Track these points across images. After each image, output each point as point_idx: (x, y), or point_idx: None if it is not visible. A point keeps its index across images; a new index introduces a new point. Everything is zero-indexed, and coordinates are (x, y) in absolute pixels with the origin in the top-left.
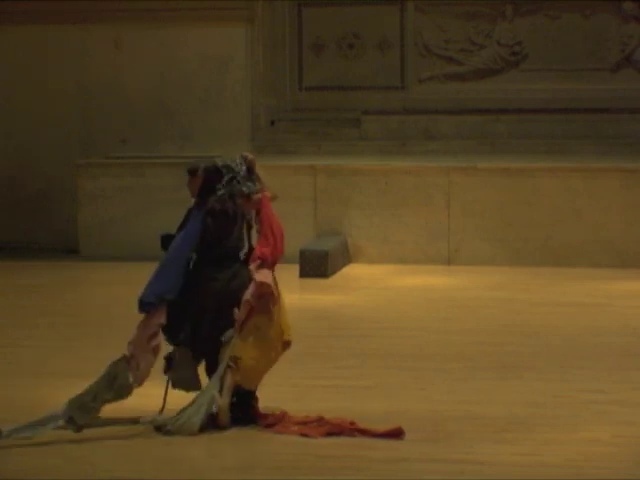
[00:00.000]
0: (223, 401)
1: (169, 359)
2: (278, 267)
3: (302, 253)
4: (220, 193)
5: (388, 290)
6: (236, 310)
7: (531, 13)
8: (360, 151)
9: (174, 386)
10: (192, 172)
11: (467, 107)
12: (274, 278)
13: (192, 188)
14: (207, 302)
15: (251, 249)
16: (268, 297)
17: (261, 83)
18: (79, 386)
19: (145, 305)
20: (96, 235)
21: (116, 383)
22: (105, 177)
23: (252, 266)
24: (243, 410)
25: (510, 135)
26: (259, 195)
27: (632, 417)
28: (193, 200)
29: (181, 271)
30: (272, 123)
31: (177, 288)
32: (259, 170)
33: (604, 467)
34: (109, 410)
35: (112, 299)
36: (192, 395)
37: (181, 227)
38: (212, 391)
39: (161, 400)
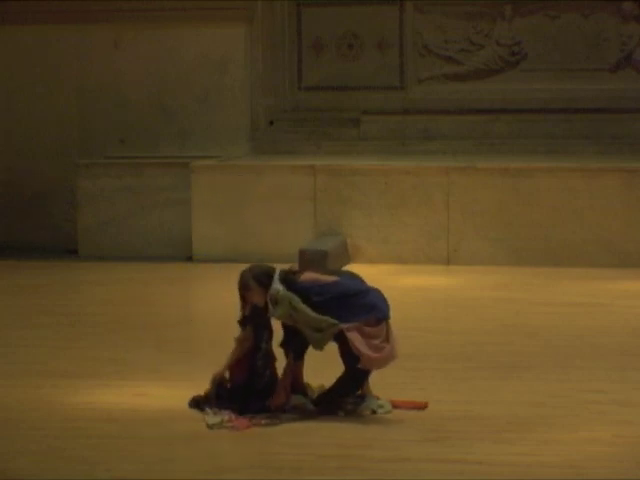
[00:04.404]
0: None
1: None
2: (278, 267)
3: (301, 253)
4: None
5: (388, 290)
6: None
7: (530, 13)
8: (360, 151)
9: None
10: (246, 288)
11: (467, 107)
12: None
13: (258, 299)
14: None
15: None
16: None
17: (260, 83)
18: (79, 386)
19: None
20: (95, 235)
21: None
22: (105, 177)
23: None
24: None
25: (510, 135)
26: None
27: (632, 417)
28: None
29: None
30: (271, 123)
31: None
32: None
33: (604, 467)
34: (105, 408)
35: (111, 299)
36: None
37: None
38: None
39: (158, 400)
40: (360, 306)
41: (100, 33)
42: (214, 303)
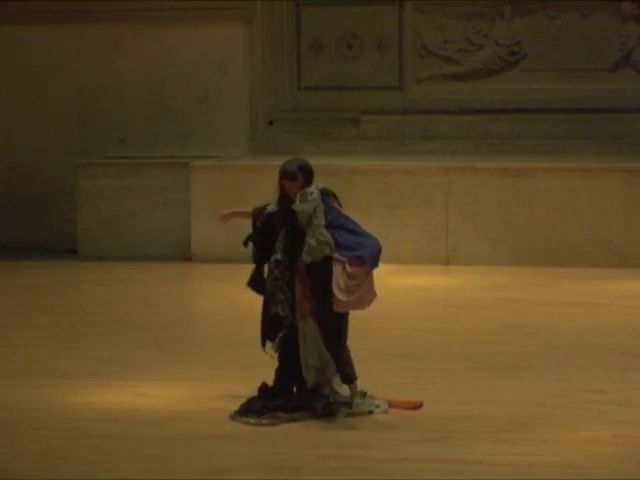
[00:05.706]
0: None
1: None
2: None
3: None
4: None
5: (388, 290)
6: None
7: (530, 13)
8: (359, 151)
9: None
10: (292, 177)
11: (466, 107)
12: None
13: (294, 191)
14: None
15: None
16: None
17: (260, 83)
18: (79, 386)
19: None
20: (95, 235)
21: None
22: (104, 177)
23: None
24: None
25: (510, 135)
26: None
27: (632, 417)
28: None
29: None
30: (270, 123)
31: None
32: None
33: (604, 467)
34: (105, 408)
35: (111, 299)
36: None
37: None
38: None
39: (158, 400)
40: (350, 242)
41: (100, 33)
42: (214, 303)
